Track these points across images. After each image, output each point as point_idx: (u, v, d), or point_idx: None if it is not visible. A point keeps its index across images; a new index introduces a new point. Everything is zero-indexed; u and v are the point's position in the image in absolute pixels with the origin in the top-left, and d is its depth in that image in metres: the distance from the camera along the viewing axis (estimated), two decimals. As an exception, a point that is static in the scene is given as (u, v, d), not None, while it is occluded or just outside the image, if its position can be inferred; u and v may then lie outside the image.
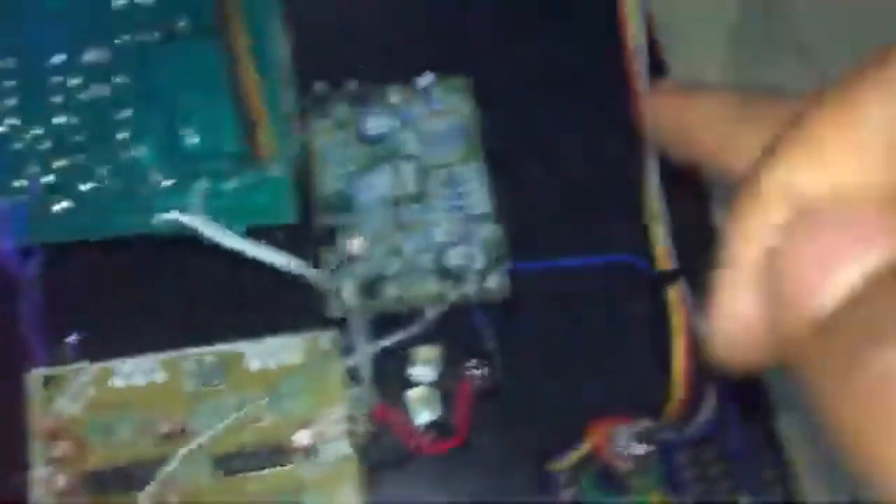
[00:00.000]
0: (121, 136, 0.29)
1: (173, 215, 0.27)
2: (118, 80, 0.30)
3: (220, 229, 0.27)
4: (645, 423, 0.34)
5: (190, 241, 0.29)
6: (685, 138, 0.19)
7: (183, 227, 0.27)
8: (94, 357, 0.32)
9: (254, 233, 0.29)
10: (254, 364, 0.33)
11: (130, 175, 0.28)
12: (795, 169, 0.12)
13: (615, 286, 0.37)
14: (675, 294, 0.36)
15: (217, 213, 0.28)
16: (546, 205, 0.38)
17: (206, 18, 0.30)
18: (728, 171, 0.17)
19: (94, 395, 0.32)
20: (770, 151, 0.13)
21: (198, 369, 0.32)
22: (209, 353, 0.33)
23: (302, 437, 0.31)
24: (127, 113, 0.29)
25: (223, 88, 0.29)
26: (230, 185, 0.28)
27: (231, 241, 0.27)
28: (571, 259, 0.37)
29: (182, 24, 0.31)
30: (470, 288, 0.35)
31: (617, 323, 0.37)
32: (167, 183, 0.28)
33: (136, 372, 0.32)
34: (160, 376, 0.32)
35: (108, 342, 0.33)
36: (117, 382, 0.32)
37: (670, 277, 0.37)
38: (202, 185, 0.28)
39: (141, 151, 0.29)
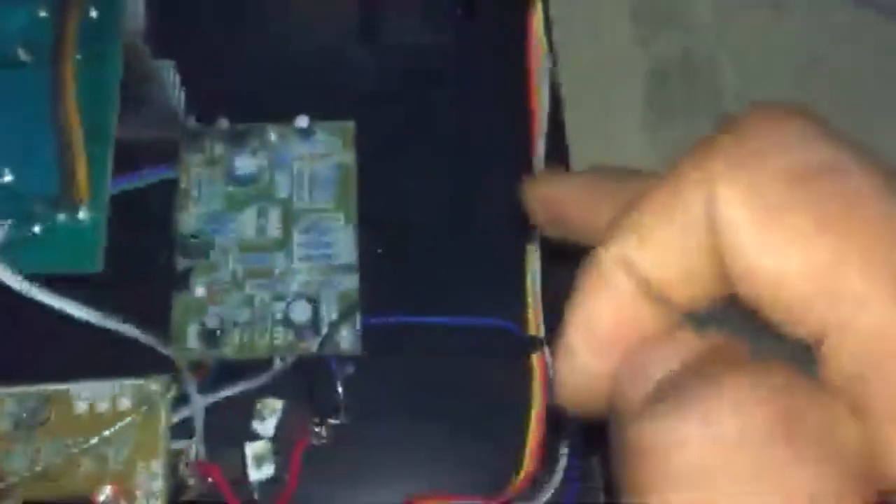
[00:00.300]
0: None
1: (-32, 257, 0.26)
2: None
3: (17, 277, 0.26)
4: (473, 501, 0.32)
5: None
6: (557, 217, 0.21)
7: (-21, 270, 0.26)
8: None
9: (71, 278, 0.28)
10: (79, 406, 0.32)
11: (-67, 211, 0.27)
12: (627, 247, 0.14)
13: (481, 350, 0.36)
14: (539, 362, 0.35)
15: (20, 259, 0.27)
16: (415, 262, 0.36)
17: (42, 46, 0.29)
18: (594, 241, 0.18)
19: None
20: (610, 229, 0.14)
21: (18, 408, 0.31)
22: (34, 392, 0.31)
23: (106, 493, 0.29)
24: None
25: (47, 126, 0.28)
26: (37, 228, 0.27)
27: (29, 290, 0.26)
28: (433, 317, 0.35)
29: (21, 51, 0.29)
30: (319, 341, 0.34)
31: (475, 388, 0.35)
32: (-32, 220, 0.27)
33: (-48, 406, 0.31)
34: (-23, 412, 0.31)
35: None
36: (-71, 415, 0.31)
37: (536, 344, 0.35)
38: (7, 226, 0.27)
39: (-53, 186, 0.27)
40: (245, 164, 0.35)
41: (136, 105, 0.34)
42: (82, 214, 0.27)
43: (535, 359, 0.35)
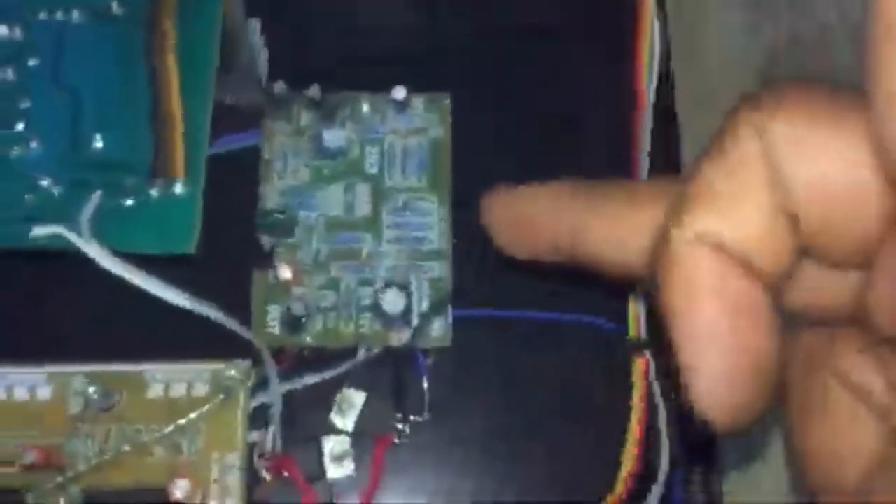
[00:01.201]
0: (17, 128, 0.25)
1: (55, 229, 0.24)
2: (29, 62, 0.26)
3: (107, 253, 0.23)
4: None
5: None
6: (526, 231, 0.20)
7: (65, 243, 0.24)
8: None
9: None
10: (153, 390, 0.29)
11: (18, 176, 0.24)
12: (700, 221, 0.13)
13: (577, 348, 0.33)
14: (640, 365, 0.32)
15: (109, 232, 0.24)
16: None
17: (139, 3, 0.26)
18: (570, 254, 0.18)
19: (-30, 402, 0.28)
20: (674, 211, 0.14)
21: (88, 389, 0.28)
22: (105, 371, 0.29)
23: (182, 488, 0.27)
24: (28, 103, 0.25)
25: (143, 88, 0.25)
26: (128, 201, 0.24)
27: (118, 268, 0.23)
28: (526, 311, 0.33)
29: (114, 5, 0.26)
30: (409, 332, 0.31)
31: (569, 388, 0.33)
32: (57, 190, 0.24)
33: (19, 384, 0.29)
34: (45, 392, 0.29)
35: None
36: (-3, 394, 0.28)
37: (638, 346, 0.33)
38: (96, 197, 0.24)
39: (34, 150, 0.25)
40: (334, 136, 0.32)
41: (221, 66, 0.31)
42: (178, 189, 0.24)
43: (637, 362, 0.32)
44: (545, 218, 0.20)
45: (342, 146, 0.32)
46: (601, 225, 0.17)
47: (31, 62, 0.26)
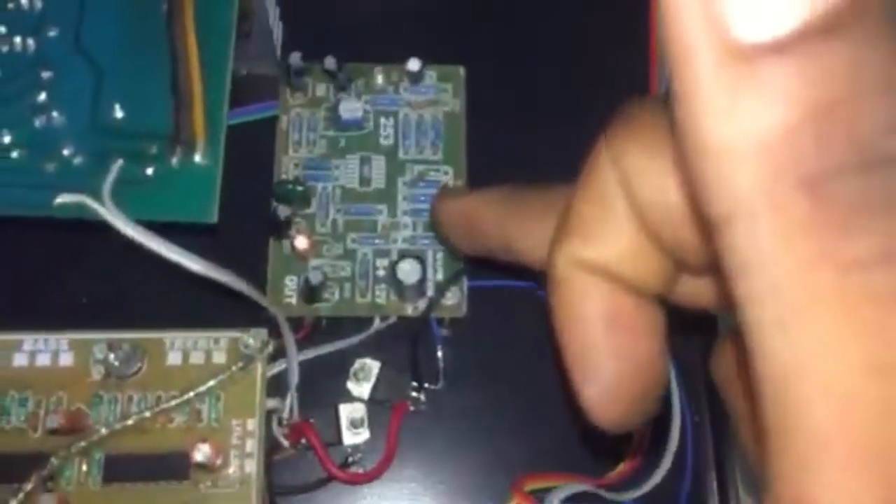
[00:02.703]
0: (38, 98, 0.25)
1: (78, 198, 0.24)
2: (49, 33, 0.26)
3: (128, 221, 0.23)
4: (583, 486, 0.30)
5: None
6: (471, 232, 0.22)
7: (88, 211, 0.24)
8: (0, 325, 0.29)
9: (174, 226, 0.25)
10: (173, 357, 0.29)
11: (40, 145, 0.24)
12: (572, 246, 0.14)
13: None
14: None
15: (130, 201, 0.24)
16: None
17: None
18: (505, 254, 0.20)
19: (-7, 368, 0.29)
20: (554, 237, 0.15)
21: (109, 355, 0.29)
22: (125, 338, 0.29)
23: (204, 452, 0.27)
24: (49, 73, 0.25)
25: (162, 57, 0.25)
26: (150, 170, 0.24)
27: (139, 236, 0.23)
28: (537, 282, 0.33)
29: (132, -27, 0.26)
30: (424, 302, 0.31)
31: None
32: (79, 160, 0.24)
33: (41, 350, 0.29)
34: (66, 359, 0.29)
35: (16, 313, 0.30)
36: (19, 361, 0.29)
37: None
38: (118, 166, 0.24)
39: (57, 120, 0.25)
40: (350, 107, 0.32)
41: (240, 28, 0.31)
42: (198, 158, 0.24)
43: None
44: (482, 221, 0.21)
45: (358, 118, 0.32)
46: (523, 229, 0.19)
47: (51, 33, 0.25)
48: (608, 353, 0.14)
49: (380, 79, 0.33)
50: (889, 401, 0.09)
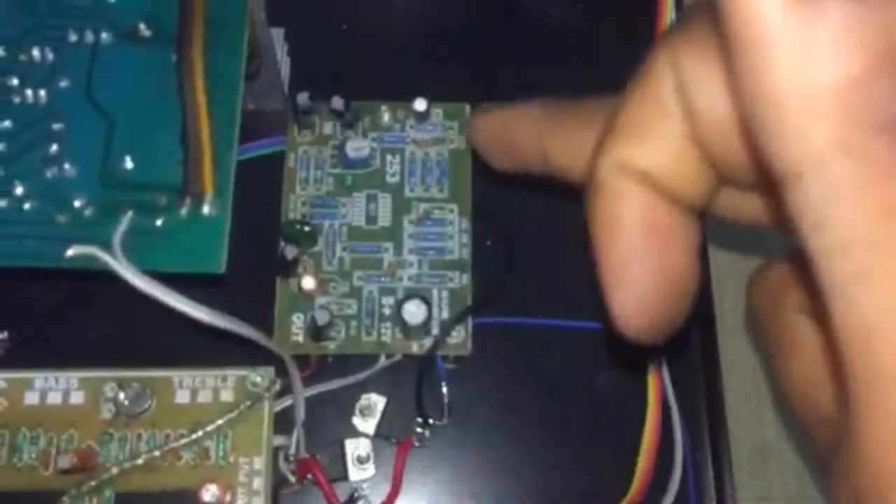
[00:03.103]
0: (50, 150, 0.25)
1: (88, 249, 0.24)
2: (60, 84, 0.26)
3: (138, 273, 0.24)
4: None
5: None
6: (507, 148, 0.21)
7: (97, 262, 0.24)
8: (13, 364, 0.30)
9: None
10: (181, 395, 0.30)
11: (52, 197, 0.25)
12: (618, 149, 0.14)
13: (594, 356, 0.33)
14: (654, 376, 0.33)
15: (139, 252, 0.24)
16: (529, 258, 0.34)
17: (167, 24, 0.27)
18: (543, 168, 0.19)
19: (6, 407, 0.29)
20: (600, 140, 0.14)
21: (119, 394, 0.29)
22: (134, 377, 0.30)
23: (212, 492, 0.28)
24: (60, 125, 0.26)
25: (172, 108, 0.25)
26: (159, 221, 0.25)
27: (149, 287, 0.24)
28: (546, 319, 0.33)
29: (142, 26, 0.27)
30: (429, 341, 0.32)
31: (586, 395, 0.33)
32: (89, 211, 0.25)
33: (51, 389, 0.29)
34: (77, 397, 0.29)
35: (29, 352, 0.30)
36: (30, 399, 0.29)
37: (653, 354, 0.33)
38: (128, 218, 0.25)
39: (68, 171, 0.25)
40: (357, 146, 0.33)
41: (247, 69, 0.31)
42: (206, 209, 0.25)
43: (651, 371, 0.32)
44: (519, 135, 0.21)
45: (364, 156, 0.33)
46: (562, 142, 0.19)
47: (63, 84, 0.26)
48: (642, 262, 0.14)
49: (386, 117, 0.33)
50: None
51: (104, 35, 0.27)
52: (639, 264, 0.14)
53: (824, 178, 0.09)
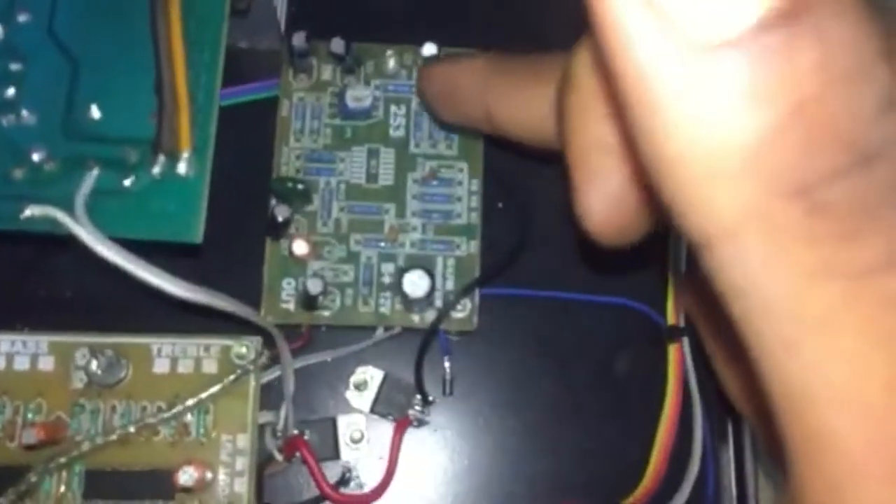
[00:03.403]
0: (6, 93, 0.22)
1: (48, 210, 0.21)
2: (19, 18, 0.23)
3: (104, 239, 0.21)
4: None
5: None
6: (454, 100, 0.22)
7: (58, 226, 0.21)
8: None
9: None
10: (159, 365, 0.27)
11: (7, 149, 0.22)
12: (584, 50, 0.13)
13: (608, 332, 0.31)
14: (676, 354, 0.30)
15: (106, 215, 0.22)
16: (543, 227, 0.31)
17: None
18: (486, 124, 0.20)
19: (-32, 373, 0.27)
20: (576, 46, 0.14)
21: (91, 362, 0.27)
22: (109, 343, 0.27)
23: (189, 475, 0.25)
24: (19, 65, 0.22)
25: (146, 52, 0.22)
26: (129, 181, 0.22)
27: (117, 257, 0.21)
28: (557, 292, 0.30)
29: (113, -48, 0.23)
30: (432, 313, 0.29)
31: (600, 374, 0.31)
32: (50, 166, 0.22)
33: (19, 353, 0.27)
34: (46, 363, 0.27)
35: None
36: (-5, 363, 0.27)
37: (675, 333, 0.30)
38: (92, 176, 0.22)
39: (26, 119, 0.22)
40: (358, 94, 0.29)
41: (236, 5, 0.28)
42: (183, 169, 0.22)
43: (672, 350, 0.30)
44: (466, 91, 0.21)
45: (366, 107, 0.29)
46: (506, 99, 0.18)
47: (22, 17, 0.23)
48: (613, 154, 0.13)
49: (391, 62, 0.30)
50: None
51: (70, -38, 0.23)
52: (609, 157, 0.13)
53: (738, 249, 0.09)
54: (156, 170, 0.22)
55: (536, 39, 0.31)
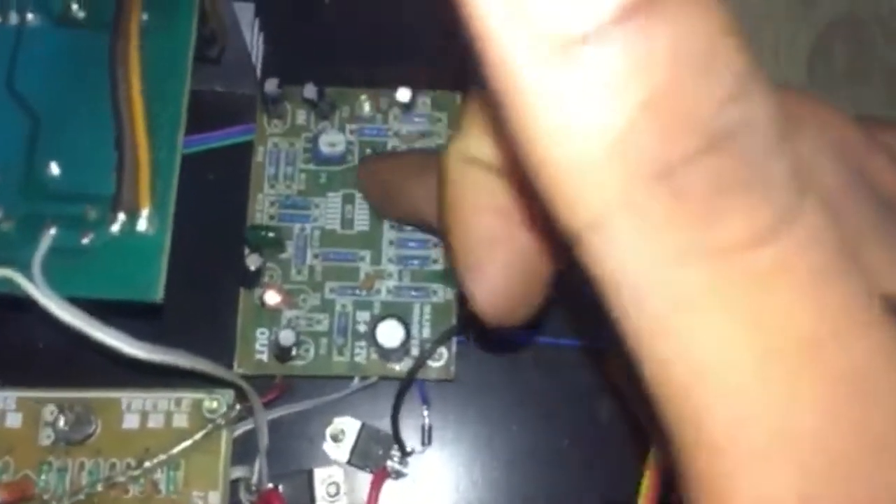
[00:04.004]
0: (-37, 150, 0.22)
1: (4, 272, 0.21)
2: (-22, 71, 0.22)
3: (62, 302, 0.20)
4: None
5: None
6: (386, 198, 0.23)
7: (15, 287, 0.21)
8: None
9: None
10: (129, 420, 0.27)
11: (-38, 207, 0.21)
12: (462, 143, 0.14)
13: (591, 377, 0.30)
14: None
15: (64, 276, 0.21)
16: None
17: (104, 5, 0.23)
18: (414, 216, 0.21)
19: (-67, 431, 0.26)
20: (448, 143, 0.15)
21: (59, 418, 0.26)
22: (77, 398, 0.27)
23: (157, 536, 0.25)
24: (-25, 120, 0.22)
25: (105, 106, 0.22)
26: (87, 239, 0.21)
27: (75, 320, 0.21)
28: (536, 336, 0.30)
29: (75, 6, 0.23)
30: (408, 362, 0.28)
31: (583, 422, 0.30)
32: (7, 225, 0.22)
33: (-15, 410, 0.26)
34: (14, 419, 0.26)
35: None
36: (-40, 422, 0.26)
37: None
38: (50, 236, 0.21)
39: (-17, 177, 0.22)
40: (332, 140, 0.29)
41: (207, 54, 0.27)
42: (142, 225, 0.21)
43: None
44: (391, 188, 0.22)
45: (341, 152, 0.29)
46: (424, 195, 0.20)
47: (-19, 71, 0.22)
48: (494, 245, 0.14)
49: (367, 106, 0.30)
50: (788, 385, 0.09)
51: (30, 16, 0.23)
52: (489, 247, 0.14)
53: (607, 238, 0.09)
54: (115, 227, 0.21)
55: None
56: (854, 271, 0.09)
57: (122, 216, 0.21)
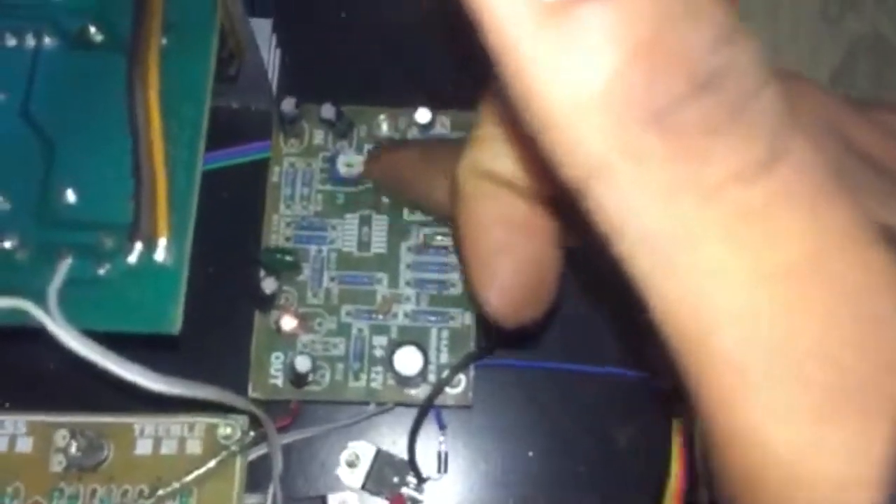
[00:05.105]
0: (-23, 177, 0.21)
1: (19, 303, 0.20)
2: (-5, 95, 0.22)
3: (77, 335, 0.20)
4: None
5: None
6: (397, 186, 0.24)
7: (30, 318, 0.20)
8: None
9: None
10: (141, 446, 0.26)
11: (-25, 236, 0.21)
12: (473, 158, 0.15)
13: (610, 403, 0.30)
14: (680, 427, 0.29)
15: (79, 308, 0.21)
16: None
17: (122, 27, 0.22)
18: (426, 203, 0.23)
19: (-57, 456, 0.26)
20: (460, 156, 0.16)
21: (71, 444, 0.26)
22: (89, 423, 0.26)
23: (169, 567, 0.24)
24: (-9, 145, 0.21)
25: (123, 132, 0.21)
26: (103, 269, 0.21)
27: (90, 353, 0.20)
28: (555, 363, 0.29)
29: (92, 29, 0.22)
30: (426, 389, 0.28)
31: (602, 448, 0.29)
32: (22, 254, 0.21)
33: (-4, 434, 0.26)
34: (24, 444, 0.26)
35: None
36: (-29, 446, 0.26)
37: (678, 402, 0.29)
38: (65, 266, 0.21)
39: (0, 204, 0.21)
40: (350, 161, 0.28)
41: (224, 72, 0.27)
42: (160, 256, 0.21)
43: (676, 422, 0.28)
44: (402, 177, 0.23)
45: (358, 172, 0.29)
46: (434, 182, 0.20)
47: (-3, 95, 0.22)
48: (505, 254, 0.15)
49: (385, 126, 0.29)
50: (789, 303, 0.09)
51: (47, 39, 0.23)
52: (501, 256, 0.15)
53: (609, 183, 0.10)
54: (132, 258, 0.21)
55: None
56: (850, 195, 0.10)
57: (139, 245, 0.21)
